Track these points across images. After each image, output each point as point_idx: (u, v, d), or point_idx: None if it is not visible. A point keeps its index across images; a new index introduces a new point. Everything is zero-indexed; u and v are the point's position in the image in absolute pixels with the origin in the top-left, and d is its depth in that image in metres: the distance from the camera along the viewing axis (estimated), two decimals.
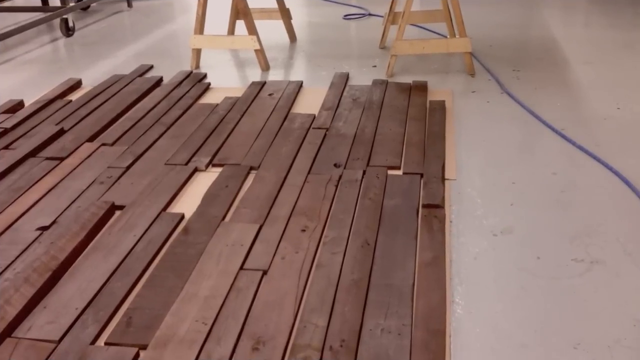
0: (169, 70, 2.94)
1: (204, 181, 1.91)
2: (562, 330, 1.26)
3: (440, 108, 2.35)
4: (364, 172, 1.90)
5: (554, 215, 1.66)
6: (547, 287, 1.39)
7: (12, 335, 1.27)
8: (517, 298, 1.36)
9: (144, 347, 1.24)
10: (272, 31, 3.57)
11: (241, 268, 1.47)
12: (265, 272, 1.45)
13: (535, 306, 1.33)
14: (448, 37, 3.11)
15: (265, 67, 2.94)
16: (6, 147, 2.13)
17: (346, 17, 3.87)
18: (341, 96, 2.53)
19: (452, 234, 1.60)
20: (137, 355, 1.21)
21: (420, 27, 3.55)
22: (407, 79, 2.72)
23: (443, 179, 1.83)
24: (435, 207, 1.69)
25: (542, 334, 1.25)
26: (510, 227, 1.61)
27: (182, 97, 2.56)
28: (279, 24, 3.69)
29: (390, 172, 1.91)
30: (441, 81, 2.70)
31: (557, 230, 1.60)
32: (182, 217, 1.70)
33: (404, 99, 2.46)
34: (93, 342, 1.25)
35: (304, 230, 1.61)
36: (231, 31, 3.30)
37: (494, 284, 1.40)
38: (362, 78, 2.77)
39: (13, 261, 1.51)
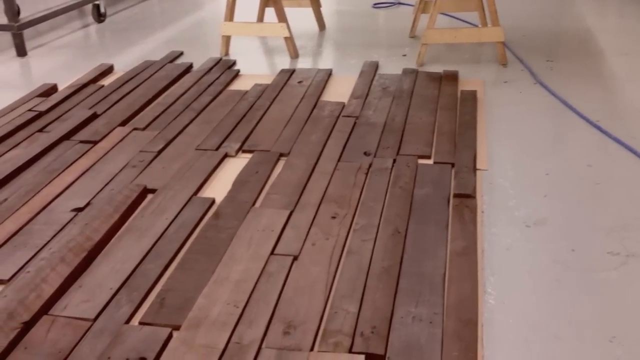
0: (198, 57, 2.95)
1: (234, 167, 1.92)
2: (597, 323, 1.24)
3: (471, 98, 2.32)
4: (394, 161, 1.89)
5: (589, 208, 1.63)
6: (582, 279, 1.37)
7: (49, 312, 1.29)
8: (551, 290, 1.34)
9: (177, 328, 1.25)
10: (301, 19, 3.56)
11: (272, 253, 1.48)
12: (295, 258, 1.46)
13: (569, 299, 1.31)
14: (480, 26, 3.07)
15: (294, 54, 2.94)
16: (41, 130, 2.16)
17: (375, 5, 3.85)
18: (371, 85, 2.51)
19: (484, 224, 1.58)
20: (171, 335, 1.23)
21: (451, 16, 3.51)
22: (438, 69, 2.69)
23: (474, 169, 1.81)
24: (467, 197, 1.68)
25: (576, 326, 1.24)
26: (544, 218, 1.59)
27: (212, 83, 2.57)
28: (308, 11, 3.68)
29: (420, 161, 1.90)
30: (472, 71, 2.67)
31: (592, 222, 1.57)
32: (213, 201, 1.71)
33: (435, 88, 2.44)
34: (127, 322, 1.27)
35: (334, 217, 1.61)
36: (261, 18, 3.30)
37: (527, 276, 1.39)
38: (391, 67, 2.75)
39: (49, 241, 1.54)
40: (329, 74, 2.64)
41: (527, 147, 1.98)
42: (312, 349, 1.19)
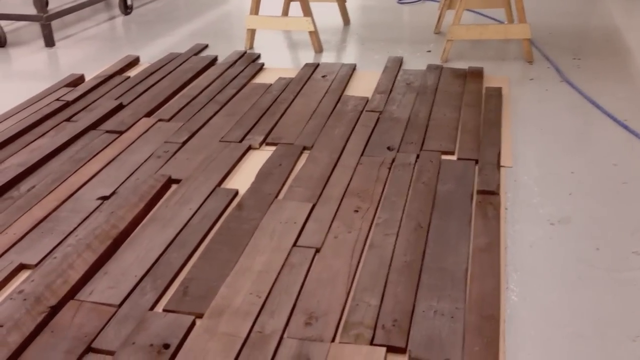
0: (223, 50, 2.97)
1: (257, 159, 1.93)
2: (620, 323, 1.23)
3: (496, 95, 2.30)
4: (418, 156, 1.89)
5: (614, 207, 1.62)
6: (606, 278, 1.35)
7: (75, 297, 1.32)
8: (574, 288, 1.33)
9: (200, 316, 1.27)
10: (326, 13, 3.56)
11: (294, 245, 1.48)
12: (318, 250, 1.47)
13: (593, 297, 1.30)
14: (506, 22, 3.04)
15: (319, 49, 2.94)
16: (68, 120, 2.20)
17: (401, 1, 3.83)
18: (395, 80, 2.51)
19: (507, 221, 1.57)
20: (194, 323, 1.25)
21: (476, 12, 3.48)
22: (462, 65, 2.67)
23: (498, 166, 1.80)
24: (490, 194, 1.67)
25: (599, 325, 1.23)
26: (568, 216, 1.58)
27: (236, 76, 2.58)
28: (333, 6, 3.68)
29: (444, 157, 1.89)
30: (497, 68, 2.65)
31: (618, 222, 1.55)
32: (236, 193, 1.72)
33: (459, 84, 2.43)
34: (151, 309, 1.29)
35: (356, 211, 1.61)
36: (286, 12, 3.30)
37: (550, 273, 1.38)
38: (416, 63, 2.74)
39: (75, 228, 1.56)
40: (353, 68, 2.64)
41: (553, 145, 1.96)
42: (333, 340, 1.20)
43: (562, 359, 1.15)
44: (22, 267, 1.43)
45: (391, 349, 1.18)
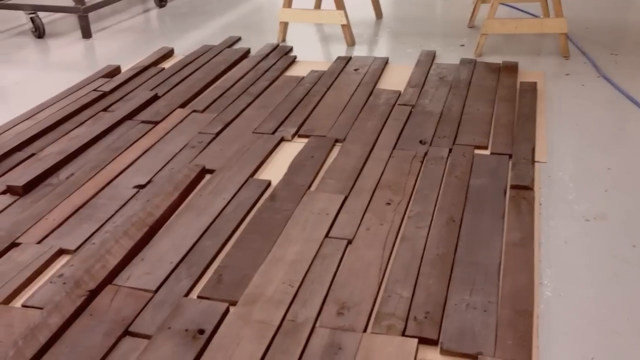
0: (255, 43, 2.99)
1: (290, 151, 1.94)
2: None
3: (531, 90, 2.28)
4: (450, 150, 1.88)
5: None
6: None
7: (113, 282, 1.35)
8: (610, 285, 1.31)
9: (233, 303, 1.29)
10: (358, 7, 3.56)
11: (326, 236, 1.49)
12: (350, 242, 1.47)
13: (628, 294, 1.28)
14: (542, 16, 3.00)
15: (351, 42, 2.94)
16: (105, 110, 2.24)
17: None
18: (427, 74, 2.49)
19: (542, 216, 1.56)
20: (228, 310, 1.27)
21: (510, 6, 3.44)
22: (496, 60, 2.65)
23: (533, 161, 1.79)
24: (524, 189, 1.65)
25: (635, 322, 1.21)
26: (604, 213, 1.56)
27: (269, 68, 2.60)
28: (366, 0, 3.67)
29: (477, 151, 1.88)
30: (532, 63, 2.61)
31: None
32: (269, 184, 1.74)
33: (493, 79, 2.41)
34: (186, 295, 1.32)
35: (388, 204, 1.62)
36: (318, 5, 3.31)
37: (585, 269, 1.36)
38: (449, 57, 2.72)
39: (113, 215, 1.60)
40: (385, 62, 2.64)
41: (589, 141, 1.93)
42: (365, 330, 1.21)
43: (596, 356, 1.14)
44: (61, 252, 1.47)
45: (423, 341, 1.18)
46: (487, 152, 1.88)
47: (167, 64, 2.73)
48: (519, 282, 1.31)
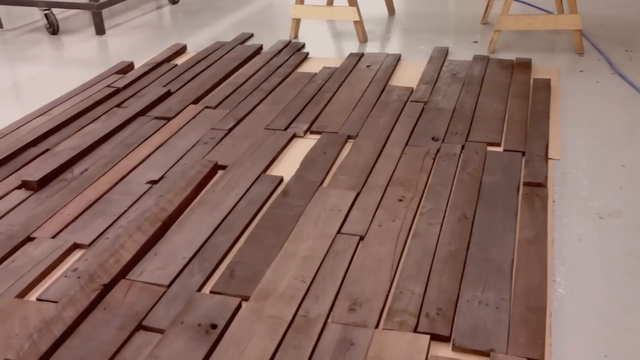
0: (268, 39, 2.99)
1: (302, 147, 1.94)
2: None
3: (545, 86, 2.26)
4: (463, 147, 1.87)
5: None
6: None
7: (127, 277, 1.36)
8: (624, 283, 1.30)
9: (246, 298, 1.29)
10: (371, 3, 3.55)
11: (338, 232, 1.50)
12: (362, 238, 1.47)
13: None
14: (556, 13, 2.98)
15: (363, 39, 2.94)
16: (118, 105, 2.25)
17: None
18: (440, 71, 2.48)
19: (555, 214, 1.55)
20: (240, 305, 1.27)
21: (524, 2, 3.41)
22: (510, 56, 2.63)
23: (546, 158, 1.78)
24: (538, 186, 1.65)
25: None
26: (619, 210, 1.55)
27: (281, 65, 2.60)
28: None
29: (490, 148, 1.87)
30: (546, 59, 2.59)
31: None
32: (281, 180, 1.74)
33: (506, 76, 2.39)
34: (199, 290, 1.32)
35: (400, 200, 1.61)
36: (330, 2, 3.30)
37: (599, 267, 1.35)
38: (462, 53, 2.71)
39: (126, 210, 1.61)
40: (397, 59, 2.63)
41: (603, 138, 1.92)
42: (377, 327, 1.21)
43: (609, 353, 1.13)
44: (75, 246, 1.49)
45: (435, 337, 1.18)
46: (500, 149, 1.87)
47: (179, 61, 2.74)
48: (531, 280, 1.31)
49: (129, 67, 2.63)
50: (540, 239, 1.43)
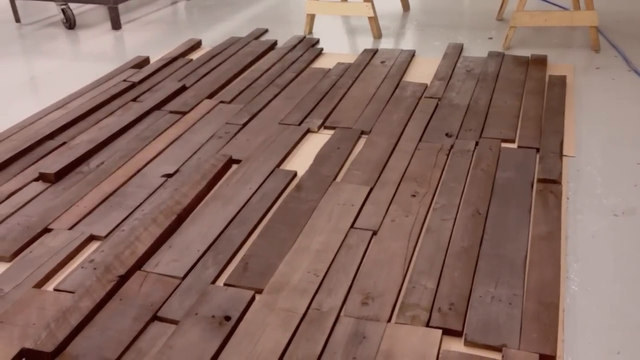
0: (282, 35, 3.00)
1: (315, 142, 1.95)
2: None
3: (560, 83, 2.25)
4: (477, 143, 1.87)
5: None
6: None
7: (142, 268, 1.38)
8: (637, 280, 1.30)
9: (259, 291, 1.30)
10: (385, 0, 3.54)
11: (352, 227, 1.50)
12: (375, 233, 1.48)
13: None
14: (572, 9, 2.95)
15: (378, 35, 2.93)
16: (134, 100, 2.27)
17: None
18: (454, 67, 2.48)
19: (569, 210, 1.55)
20: (253, 297, 1.28)
21: None
22: (525, 53, 2.62)
23: (561, 155, 1.77)
24: (552, 183, 1.64)
25: None
26: (634, 208, 1.54)
27: (295, 60, 2.61)
28: None
29: (504, 144, 1.87)
30: (562, 56, 2.58)
31: None
32: (295, 174, 1.75)
33: (521, 72, 2.38)
34: (213, 282, 1.34)
35: (414, 196, 1.62)
36: None
37: (612, 264, 1.35)
38: (476, 50, 2.70)
39: (141, 203, 1.63)
40: (412, 55, 2.63)
41: (618, 135, 1.91)
42: (389, 321, 1.22)
43: (622, 350, 1.13)
44: (92, 238, 1.51)
45: (447, 332, 1.19)
46: (514, 145, 1.87)
47: (195, 56, 2.75)
48: (545, 276, 1.31)
49: (145, 61, 2.65)
50: (554, 236, 1.43)
